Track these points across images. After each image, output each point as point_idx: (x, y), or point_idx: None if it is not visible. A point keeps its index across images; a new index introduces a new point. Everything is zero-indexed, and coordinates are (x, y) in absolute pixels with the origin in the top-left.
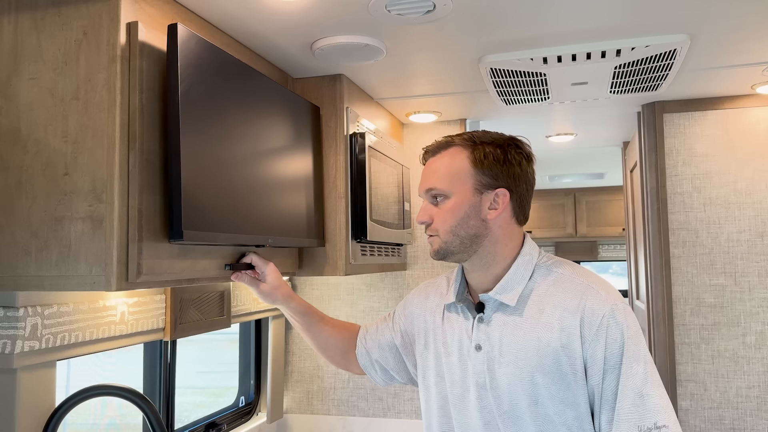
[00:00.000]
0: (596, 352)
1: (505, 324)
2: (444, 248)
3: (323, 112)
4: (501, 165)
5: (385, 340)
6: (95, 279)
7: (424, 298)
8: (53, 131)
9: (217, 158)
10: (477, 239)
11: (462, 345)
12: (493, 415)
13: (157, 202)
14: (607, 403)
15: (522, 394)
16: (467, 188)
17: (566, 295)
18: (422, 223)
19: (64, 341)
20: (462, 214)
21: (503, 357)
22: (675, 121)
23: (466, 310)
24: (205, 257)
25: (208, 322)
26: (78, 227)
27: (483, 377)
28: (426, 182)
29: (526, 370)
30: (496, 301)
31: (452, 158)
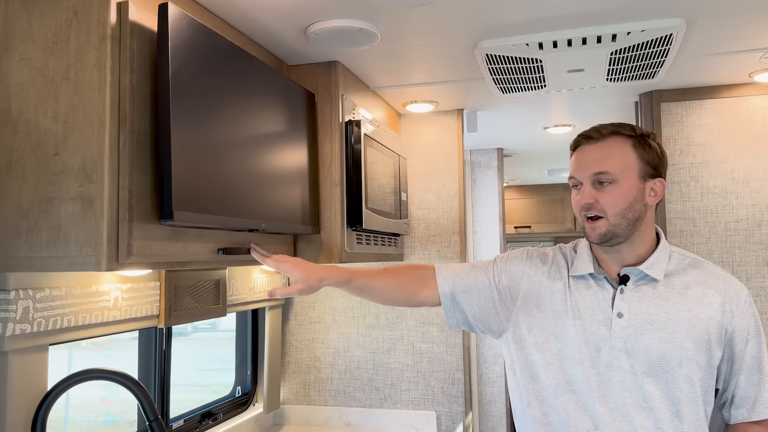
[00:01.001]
0: (740, 323)
1: (653, 295)
2: (612, 230)
3: (318, 99)
4: (659, 158)
5: (480, 287)
6: (85, 259)
7: (539, 263)
8: (43, 111)
9: (208, 140)
10: (638, 222)
11: (599, 312)
12: (626, 373)
13: (148, 182)
14: (746, 365)
15: (667, 357)
16: (635, 175)
17: (708, 277)
18: (587, 205)
19: (56, 325)
20: (631, 198)
21: (651, 324)
22: (672, 110)
23: (604, 281)
24: (198, 240)
25: (204, 310)
26: (68, 208)
27: (622, 341)
28: (593, 166)
29: (678, 337)
30: (642, 274)
31: (619, 145)
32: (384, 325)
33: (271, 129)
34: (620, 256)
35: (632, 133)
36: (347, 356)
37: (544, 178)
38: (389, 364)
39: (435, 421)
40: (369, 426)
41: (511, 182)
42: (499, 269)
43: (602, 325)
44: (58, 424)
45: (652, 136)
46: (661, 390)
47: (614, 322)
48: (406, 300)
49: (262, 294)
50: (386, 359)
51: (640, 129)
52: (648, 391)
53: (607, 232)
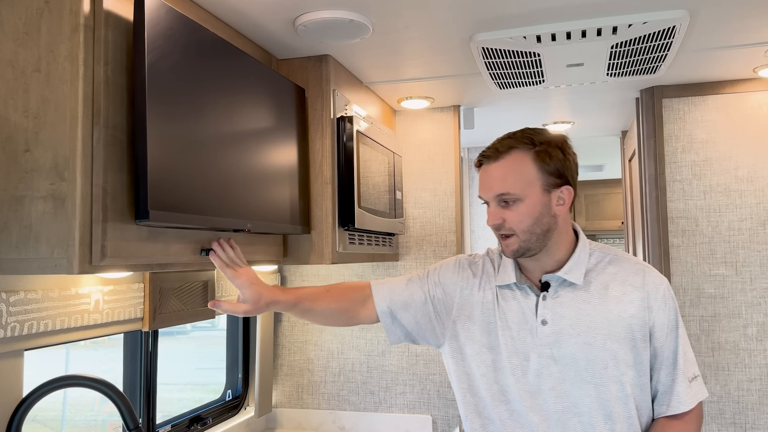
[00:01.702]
0: (661, 317)
1: (573, 300)
2: (523, 246)
3: (309, 95)
4: (564, 164)
5: (416, 302)
6: (57, 261)
7: (470, 274)
8: (14, 105)
9: (190, 136)
10: (549, 233)
11: (525, 321)
12: (555, 380)
13: (124, 180)
14: (666, 360)
15: (592, 360)
16: (537, 189)
17: (627, 273)
18: (495, 225)
19: (32, 329)
20: (537, 214)
21: (573, 329)
22: (674, 106)
23: (527, 289)
24: (178, 241)
25: (191, 313)
26: (39, 207)
27: (548, 348)
28: (495, 188)
29: (599, 339)
30: (562, 280)
31: (518, 162)
32: (379, 327)
33: (259, 125)
34: (539, 264)
35: (531, 144)
36: (341, 359)
37: None
38: (384, 366)
39: (431, 425)
40: (363, 430)
41: None
42: (433, 283)
43: (529, 334)
44: (55, 423)
45: (554, 143)
46: (590, 395)
47: (539, 329)
48: (347, 321)
49: None
50: (381, 362)
51: (541, 136)
52: (578, 396)
53: (519, 248)
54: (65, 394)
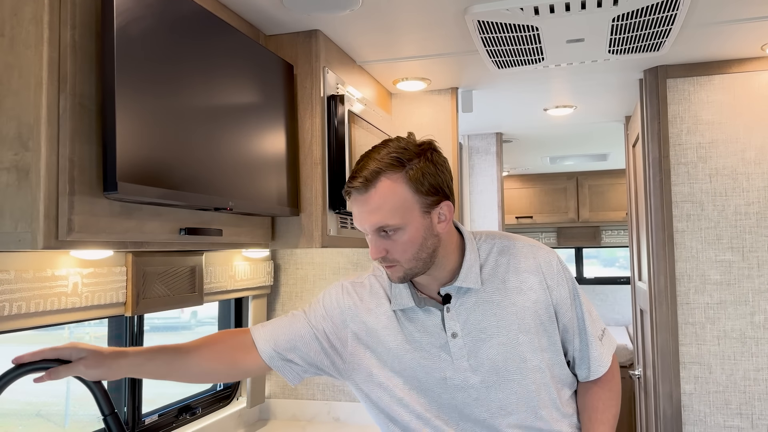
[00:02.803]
0: (562, 293)
1: (476, 305)
2: (409, 273)
3: (298, 72)
4: (435, 177)
5: (304, 339)
6: (21, 236)
7: (358, 300)
8: None
9: (164, 108)
10: (434, 252)
11: (433, 338)
12: (479, 390)
13: (93, 152)
14: (577, 329)
15: (510, 358)
16: (417, 214)
17: (519, 260)
18: (378, 258)
19: (3, 312)
20: (420, 239)
21: (484, 333)
22: (679, 86)
23: (429, 307)
24: (155, 218)
25: (177, 299)
26: (2, 179)
27: (465, 360)
28: (371, 220)
29: (512, 335)
30: (461, 289)
31: (390, 190)
32: None
33: (243, 101)
34: (432, 278)
35: (401, 166)
36: None
37: (546, 166)
38: None
39: None
40: (359, 421)
41: (512, 171)
42: (319, 316)
43: (441, 351)
44: (58, 418)
45: (424, 157)
46: (515, 392)
47: (451, 343)
48: (229, 371)
49: (244, 282)
50: None
51: (408, 152)
52: (503, 397)
53: (405, 275)
54: (68, 388)
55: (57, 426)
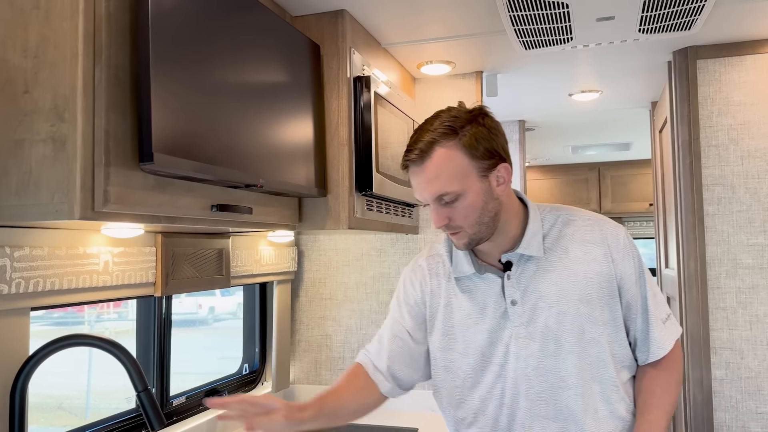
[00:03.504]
0: (627, 268)
1: (537, 273)
2: (474, 239)
3: (324, 53)
4: (489, 141)
5: (414, 354)
6: (57, 207)
7: (421, 285)
8: (12, 45)
9: (197, 82)
10: (497, 216)
11: (495, 306)
12: (537, 359)
13: (128, 124)
14: (640, 308)
15: (569, 328)
16: (474, 179)
17: (584, 232)
18: (442, 226)
19: (37, 287)
20: (481, 203)
21: (544, 301)
22: (709, 67)
23: (488, 275)
24: (187, 194)
25: (205, 280)
26: (39, 150)
27: (523, 328)
28: (430, 189)
29: (572, 305)
30: (523, 256)
31: (445, 158)
32: None
33: (272, 80)
34: (495, 244)
35: (454, 133)
36: (360, 334)
37: (567, 157)
38: None
39: None
40: (383, 406)
41: (534, 162)
42: (404, 321)
43: (501, 319)
44: (79, 411)
45: (477, 120)
46: (574, 364)
47: (510, 311)
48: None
49: (269, 267)
50: None
51: (460, 120)
52: (562, 369)
53: (470, 241)
54: (89, 382)
55: (78, 418)
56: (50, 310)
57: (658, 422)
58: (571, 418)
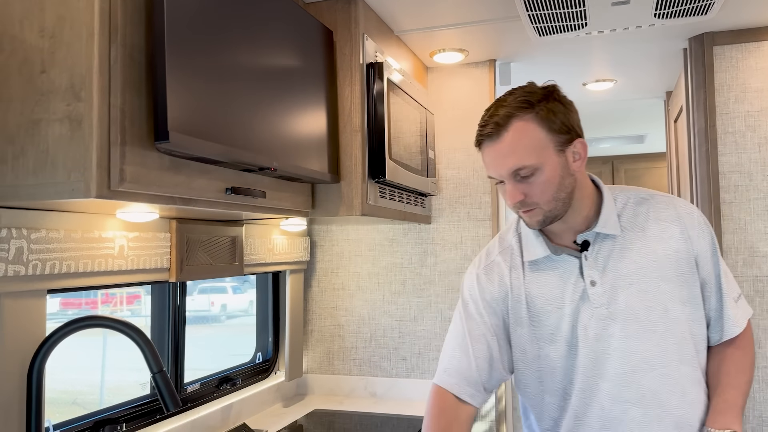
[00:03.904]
0: (703, 244)
1: (615, 252)
2: (549, 216)
3: (337, 39)
4: (566, 115)
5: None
6: (74, 185)
7: (499, 280)
8: (29, 26)
9: (210, 63)
10: (572, 194)
11: (574, 288)
12: (619, 340)
13: (143, 104)
14: (714, 286)
15: (652, 307)
16: (551, 153)
17: (659, 209)
18: (517, 203)
19: (53, 270)
20: (558, 178)
21: (623, 280)
22: (726, 53)
23: (564, 256)
24: (202, 176)
25: (219, 268)
26: (56, 129)
27: (604, 309)
28: (507, 164)
29: (652, 283)
30: (599, 235)
31: (522, 130)
32: (411, 292)
33: (285, 64)
34: (568, 225)
35: (530, 106)
36: (372, 324)
37: None
38: (416, 332)
39: None
40: (396, 396)
41: None
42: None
43: (579, 300)
44: (93, 407)
45: (553, 96)
46: (657, 344)
47: (590, 291)
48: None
49: (281, 256)
50: (413, 327)
51: (536, 95)
52: (645, 349)
53: (545, 219)
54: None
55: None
56: (64, 308)
57: (734, 401)
58: (655, 402)
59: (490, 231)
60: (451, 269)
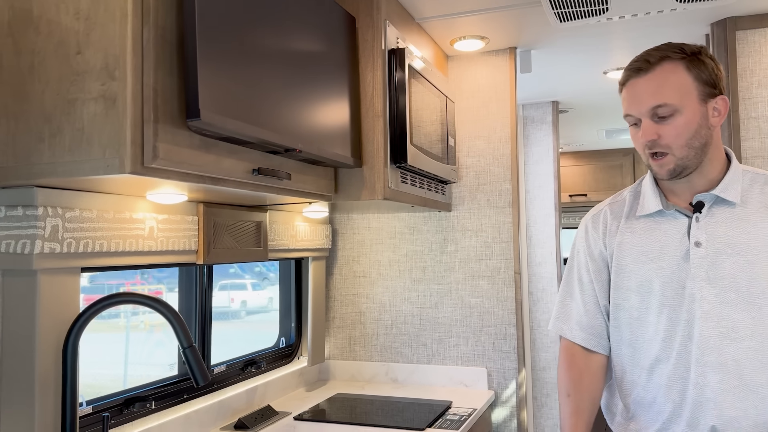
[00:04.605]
0: None
1: (730, 218)
2: (681, 164)
3: (359, 25)
4: (714, 73)
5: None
6: (109, 162)
7: (603, 227)
8: (65, 8)
9: (239, 45)
10: (706, 147)
11: (676, 246)
12: (711, 304)
13: (174, 84)
14: None
15: (756, 279)
16: (694, 100)
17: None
18: (650, 142)
19: (87, 248)
20: (695, 126)
21: (732, 248)
22: (749, 38)
23: (675, 213)
24: (231, 156)
25: (244, 251)
26: (91, 108)
27: (703, 271)
28: (649, 100)
29: (762, 257)
30: (718, 199)
31: (672, 72)
32: (431, 279)
33: (310, 48)
34: (690, 185)
35: (683, 53)
36: (393, 311)
37: (601, 142)
38: (437, 318)
39: (486, 377)
40: (416, 382)
41: (566, 148)
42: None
43: (681, 259)
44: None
45: (704, 51)
46: (752, 316)
47: (692, 252)
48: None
49: (304, 242)
50: (434, 314)
51: (689, 47)
52: (736, 320)
53: (675, 167)
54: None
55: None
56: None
57: None
58: (736, 373)
59: (510, 218)
60: (471, 256)
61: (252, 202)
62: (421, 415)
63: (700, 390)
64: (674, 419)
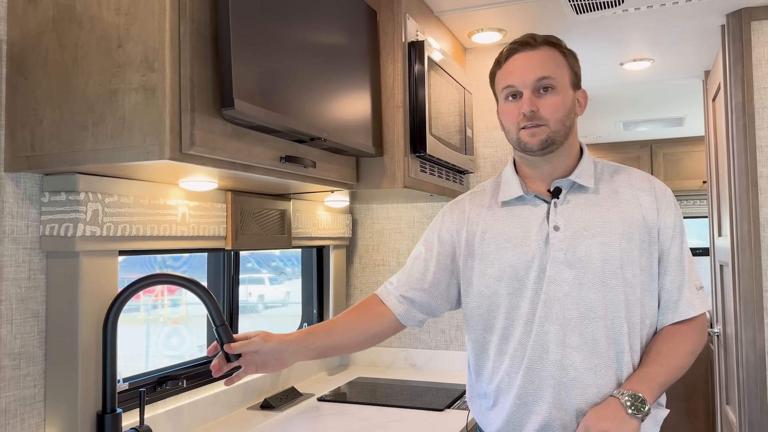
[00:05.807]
0: (667, 220)
1: (585, 203)
2: (552, 137)
3: (380, 18)
4: (578, 68)
5: (435, 278)
6: (149, 148)
7: (459, 214)
8: (106, 4)
9: (269, 37)
10: (571, 130)
11: (537, 230)
12: (571, 285)
13: (209, 75)
14: (672, 265)
15: (609, 260)
16: (568, 84)
17: (633, 179)
18: (530, 113)
19: (125, 232)
20: (569, 105)
21: (587, 230)
22: (764, 28)
23: (535, 199)
24: (260, 144)
25: (269, 239)
26: (131, 98)
27: (562, 253)
28: (535, 72)
29: (615, 239)
30: (574, 185)
31: (553, 54)
32: None
33: (334, 40)
34: (549, 168)
35: (560, 43)
36: None
37: (618, 134)
38: None
39: None
40: (434, 368)
41: (584, 140)
42: (437, 246)
43: (542, 243)
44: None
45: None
46: (606, 297)
47: (551, 236)
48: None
49: (326, 231)
50: None
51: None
52: (594, 299)
53: (547, 138)
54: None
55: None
56: None
57: (654, 376)
58: (596, 350)
59: None
60: None
61: (277, 191)
62: (440, 398)
63: (563, 371)
64: (538, 402)
